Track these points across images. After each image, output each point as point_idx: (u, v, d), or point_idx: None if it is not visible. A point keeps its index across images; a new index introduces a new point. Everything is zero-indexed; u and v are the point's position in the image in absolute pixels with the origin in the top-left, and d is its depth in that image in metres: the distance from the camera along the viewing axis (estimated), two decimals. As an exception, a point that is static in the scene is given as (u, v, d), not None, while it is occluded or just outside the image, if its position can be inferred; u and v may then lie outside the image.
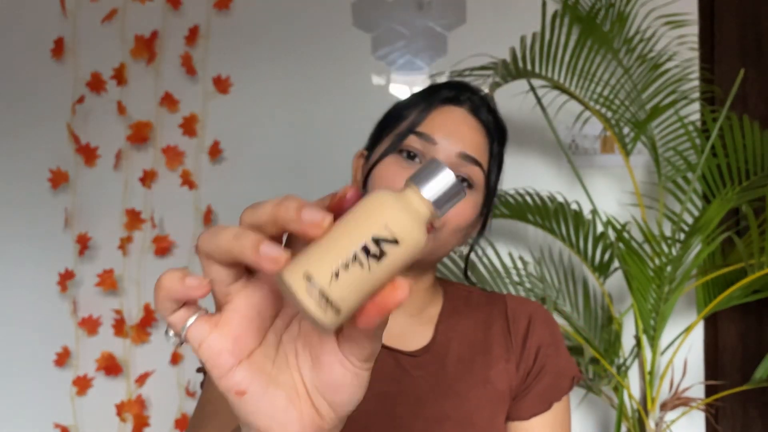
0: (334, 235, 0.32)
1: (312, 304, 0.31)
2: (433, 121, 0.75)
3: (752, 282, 1.39)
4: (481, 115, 0.77)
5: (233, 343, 0.35)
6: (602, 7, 1.55)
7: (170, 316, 0.35)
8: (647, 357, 1.47)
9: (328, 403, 0.37)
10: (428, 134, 0.73)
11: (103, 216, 1.72)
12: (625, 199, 1.67)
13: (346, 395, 0.37)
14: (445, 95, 0.77)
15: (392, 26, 1.73)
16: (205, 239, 0.35)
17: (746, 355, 1.68)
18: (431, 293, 0.82)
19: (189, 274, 0.35)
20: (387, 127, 0.78)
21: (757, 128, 1.48)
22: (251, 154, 1.73)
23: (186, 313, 0.36)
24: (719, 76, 1.69)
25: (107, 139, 1.71)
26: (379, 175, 0.73)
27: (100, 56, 1.71)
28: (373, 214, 0.32)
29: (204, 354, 0.35)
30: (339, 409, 0.37)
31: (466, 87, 0.80)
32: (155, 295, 0.35)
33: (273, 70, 1.73)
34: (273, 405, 0.36)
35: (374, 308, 0.32)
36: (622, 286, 1.54)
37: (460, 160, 0.73)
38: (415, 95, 0.80)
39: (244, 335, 0.35)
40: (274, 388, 0.36)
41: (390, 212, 0.32)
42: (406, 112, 0.77)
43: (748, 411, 1.69)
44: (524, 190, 1.50)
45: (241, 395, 0.35)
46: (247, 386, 0.35)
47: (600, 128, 1.56)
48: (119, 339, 1.71)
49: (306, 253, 0.32)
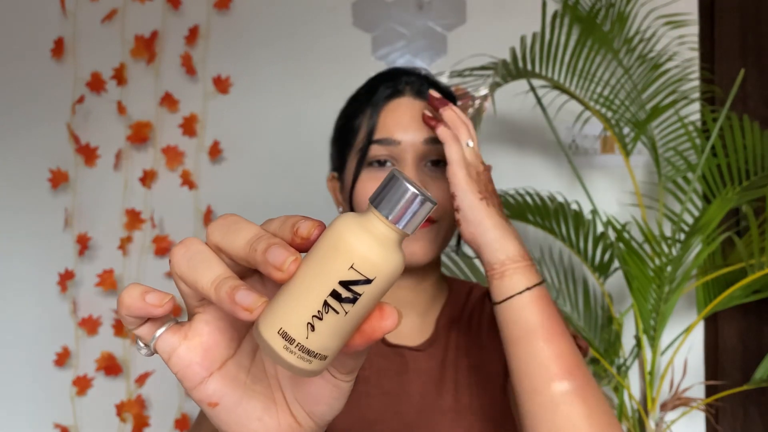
0: (300, 280, 0.30)
1: (294, 360, 0.30)
2: (386, 122, 0.75)
3: (752, 282, 1.39)
4: (425, 93, 0.78)
5: (203, 355, 0.34)
6: (602, 7, 1.55)
7: (136, 330, 0.35)
8: (647, 357, 1.47)
9: (306, 413, 0.36)
10: (387, 138, 0.74)
11: (103, 216, 1.72)
12: (625, 199, 1.67)
13: (325, 406, 0.36)
14: (384, 92, 0.77)
15: (392, 26, 1.73)
16: (178, 261, 0.33)
17: (746, 355, 1.68)
18: (437, 289, 0.82)
19: (150, 290, 0.33)
20: (346, 144, 0.78)
21: (757, 128, 1.48)
22: (251, 154, 1.73)
23: (153, 326, 0.35)
24: (719, 76, 1.69)
25: (107, 139, 1.71)
26: (359, 194, 0.74)
27: (100, 56, 1.71)
28: (338, 255, 0.29)
29: (174, 366, 0.34)
30: (318, 419, 0.37)
31: (400, 73, 0.80)
32: (118, 310, 0.34)
33: (273, 70, 1.73)
34: (248, 415, 0.35)
35: (360, 339, 0.32)
36: (622, 286, 1.54)
37: (428, 146, 0.74)
38: (357, 101, 0.80)
39: (215, 346, 0.34)
40: (248, 398, 0.35)
41: (355, 250, 0.29)
42: (356, 123, 0.77)
43: (749, 411, 1.69)
44: (524, 190, 1.50)
45: (214, 407, 0.34)
46: (220, 398, 0.34)
47: (600, 128, 1.56)
48: (119, 339, 1.71)
49: (277, 303, 0.31)
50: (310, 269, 0.30)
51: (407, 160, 0.73)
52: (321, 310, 0.29)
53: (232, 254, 0.32)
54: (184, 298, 0.35)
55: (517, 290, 0.63)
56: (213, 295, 0.31)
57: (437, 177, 0.74)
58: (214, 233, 0.33)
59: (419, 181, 0.72)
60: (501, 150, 1.72)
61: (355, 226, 0.30)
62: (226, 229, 0.33)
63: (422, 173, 0.74)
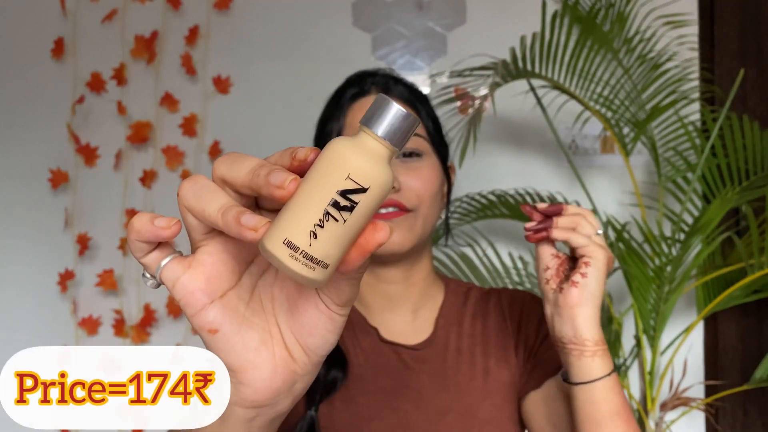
0: (302, 195, 0.33)
1: (298, 267, 0.33)
2: (353, 122, 0.77)
3: (752, 282, 1.39)
4: (392, 91, 0.79)
5: (206, 283, 0.36)
6: (602, 7, 1.55)
7: (144, 257, 0.37)
8: (647, 357, 1.47)
9: (301, 346, 0.38)
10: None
11: (103, 216, 1.72)
12: (625, 199, 1.67)
13: (320, 338, 0.38)
14: (351, 93, 0.79)
15: (392, 26, 1.73)
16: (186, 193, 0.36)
17: (746, 355, 1.68)
18: (430, 285, 0.82)
19: (158, 216, 0.36)
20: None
21: (757, 128, 1.48)
22: (251, 154, 1.73)
23: (160, 254, 0.37)
24: (719, 76, 1.69)
25: (107, 139, 1.72)
26: None
27: (100, 56, 1.72)
28: (335, 168, 0.33)
29: (178, 292, 0.36)
30: (312, 353, 0.39)
31: (366, 74, 0.82)
32: (128, 237, 0.37)
33: (273, 70, 1.73)
34: (245, 345, 0.37)
35: (356, 252, 0.34)
36: (622, 286, 1.54)
37: None
38: (329, 107, 0.82)
39: (217, 276, 0.37)
40: (246, 328, 0.37)
41: (351, 162, 0.33)
42: (328, 128, 0.80)
43: (748, 411, 1.69)
44: (524, 190, 1.50)
45: (214, 333, 0.37)
46: (219, 325, 0.37)
47: (600, 128, 1.56)
48: (119, 339, 1.71)
49: (281, 218, 0.33)
50: (310, 184, 0.33)
51: None
52: (322, 219, 0.32)
53: (236, 183, 0.35)
54: (189, 231, 0.37)
55: (603, 373, 0.64)
56: (220, 220, 0.34)
57: (412, 168, 0.75)
58: (220, 167, 0.36)
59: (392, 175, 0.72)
60: (501, 150, 1.72)
61: (349, 143, 0.33)
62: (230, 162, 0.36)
63: (394, 167, 0.73)
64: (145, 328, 1.69)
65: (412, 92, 0.81)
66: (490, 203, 1.50)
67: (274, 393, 0.38)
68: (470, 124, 1.32)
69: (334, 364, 0.64)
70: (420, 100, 0.81)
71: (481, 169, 1.67)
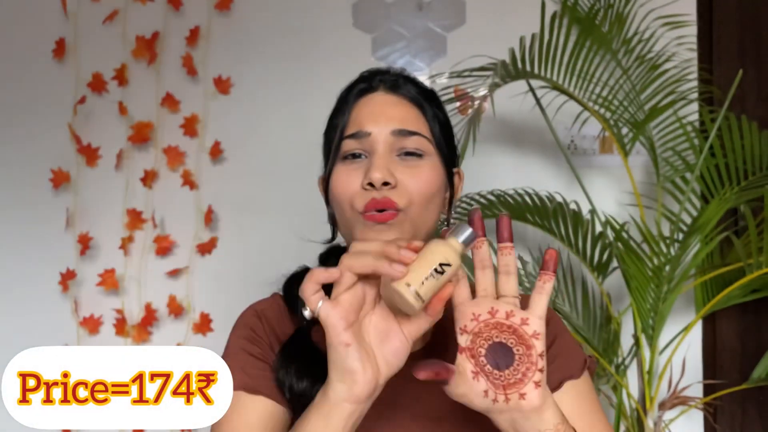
0: (419, 262, 0.59)
1: (411, 297, 0.57)
2: (358, 116, 0.76)
3: (751, 281, 1.40)
4: (401, 89, 0.78)
5: (345, 318, 0.59)
6: (601, 8, 1.55)
7: (311, 296, 0.59)
8: (646, 356, 1.47)
9: (386, 363, 0.62)
10: (358, 131, 0.75)
11: (104, 216, 1.73)
12: (623, 199, 1.68)
13: (399, 359, 0.62)
14: (359, 88, 0.79)
15: (392, 27, 1.74)
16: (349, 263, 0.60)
17: (744, 354, 1.69)
18: None
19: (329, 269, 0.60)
20: (329, 144, 0.80)
21: (755, 128, 1.48)
22: (252, 155, 1.73)
23: (318, 296, 0.59)
24: (718, 76, 1.70)
25: (108, 140, 1.72)
26: (333, 187, 0.76)
27: (102, 57, 1.72)
28: (437, 252, 0.59)
29: (328, 322, 0.59)
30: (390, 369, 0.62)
31: (377, 71, 0.81)
32: (307, 282, 0.60)
33: (274, 70, 1.73)
34: (361, 357, 0.60)
35: (438, 300, 0.60)
36: (621, 286, 1.55)
37: (396, 137, 0.74)
38: (339, 101, 0.81)
39: (350, 313, 0.60)
40: (361, 347, 0.60)
41: (444, 251, 0.59)
42: (335, 123, 0.79)
43: (747, 410, 1.69)
44: (523, 190, 1.50)
45: (348, 346, 0.59)
46: (350, 342, 0.59)
47: (599, 129, 1.57)
48: (120, 338, 1.72)
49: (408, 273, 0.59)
50: (425, 256, 0.59)
51: (378, 151, 0.73)
52: (429, 275, 0.58)
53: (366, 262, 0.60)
54: (337, 287, 0.60)
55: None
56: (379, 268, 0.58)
57: (410, 166, 0.74)
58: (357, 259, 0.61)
59: (387, 170, 0.72)
60: (500, 150, 1.73)
61: (444, 244, 0.60)
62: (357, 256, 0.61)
63: (392, 162, 0.74)
64: (146, 328, 1.70)
65: (421, 92, 0.80)
66: (489, 203, 1.51)
67: (371, 391, 0.60)
68: (470, 125, 1.32)
69: (321, 376, 0.63)
70: (428, 100, 0.80)
71: (481, 170, 1.67)
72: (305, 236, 0.91)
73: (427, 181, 0.74)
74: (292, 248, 0.94)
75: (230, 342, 0.79)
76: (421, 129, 0.76)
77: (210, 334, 1.69)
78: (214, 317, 1.70)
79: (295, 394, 0.72)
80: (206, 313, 1.70)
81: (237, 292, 1.41)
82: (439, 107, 0.82)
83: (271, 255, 1.40)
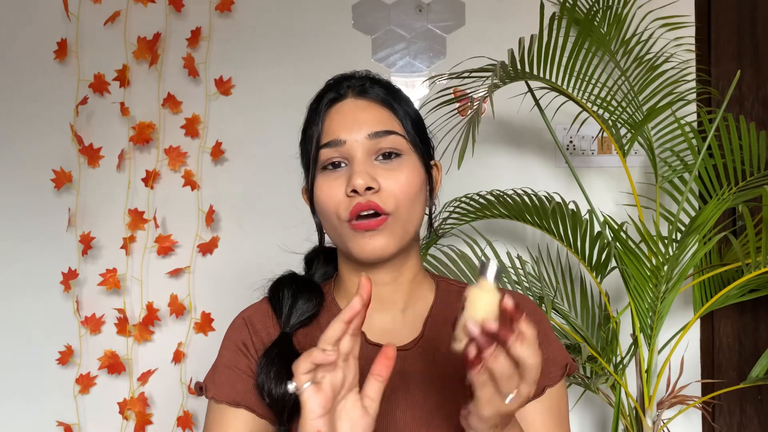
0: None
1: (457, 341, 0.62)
2: (331, 125, 0.77)
3: (748, 281, 1.40)
4: (369, 92, 0.79)
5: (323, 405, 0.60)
6: (600, 9, 1.56)
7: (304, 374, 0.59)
8: (644, 355, 1.48)
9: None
10: (333, 139, 0.76)
11: (106, 216, 1.74)
12: (622, 199, 1.69)
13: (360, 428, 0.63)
14: (329, 98, 0.80)
15: (392, 28, 1.75)
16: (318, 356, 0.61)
17: (742, 353, 1.69)
18: (420, 285, 0.83)
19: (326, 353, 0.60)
20: (306, 155, 0.81)
21: (753, 129, 1.49)
22: (253, 155, 1.74)
23: (307, 377, 0.60)
24: (716, 77, 1.71)
25: (110, 140, 1.73)
26: (317, 198, 0.77)
27: (103, 58, 1.73)
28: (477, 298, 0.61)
29: (307, 405, 0.60)
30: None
31: (342, 78, 0.83)
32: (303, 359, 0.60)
33: (274, 71, 1.74)
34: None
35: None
36: (620, 286, 1.56)
37: (372, 140, 0.75)
38: (310, 111, 0.83)
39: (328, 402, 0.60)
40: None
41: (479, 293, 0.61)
42: (308, 134, 0.80)
43: (745, 409, 1.70)
44: (522, 191, 1.51)
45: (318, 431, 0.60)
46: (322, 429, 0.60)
47: (597, 129, 1.58)
48: (122, 337, 1.72)
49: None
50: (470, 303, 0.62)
51: (356, 157, 0.75)
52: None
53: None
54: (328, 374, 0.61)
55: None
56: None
57: (390, 168, 0.75)
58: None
59: (368, 175, 0.73)
60: (499, 151, 1.74)
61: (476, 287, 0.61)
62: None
63: (373, 167, 0.75)
64: (147, 327, 1.71)
65: (389, 92, 0.81)
66: (488, 203, 1.51)
67: None
68: (469, 125, 1.32)
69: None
70: (397, 100, 0.81)
71: (480, 170, 1.69)
72: (307, 237, 0.92)
73: (408, 182, 0.75)
74: (293, 248, 0.95)
75: (219, 354, 0.81)
76: (395, 128, 0.77)
77: (211, 333, 1.70)
78: (216, 316, 1.71)
79: (273, 399, 0.73)
80: (207, 313, 1.71)
81: (238, 292, 1.41)
82: (408, 104, 0.82)
83: (271, 255, 1.40)
